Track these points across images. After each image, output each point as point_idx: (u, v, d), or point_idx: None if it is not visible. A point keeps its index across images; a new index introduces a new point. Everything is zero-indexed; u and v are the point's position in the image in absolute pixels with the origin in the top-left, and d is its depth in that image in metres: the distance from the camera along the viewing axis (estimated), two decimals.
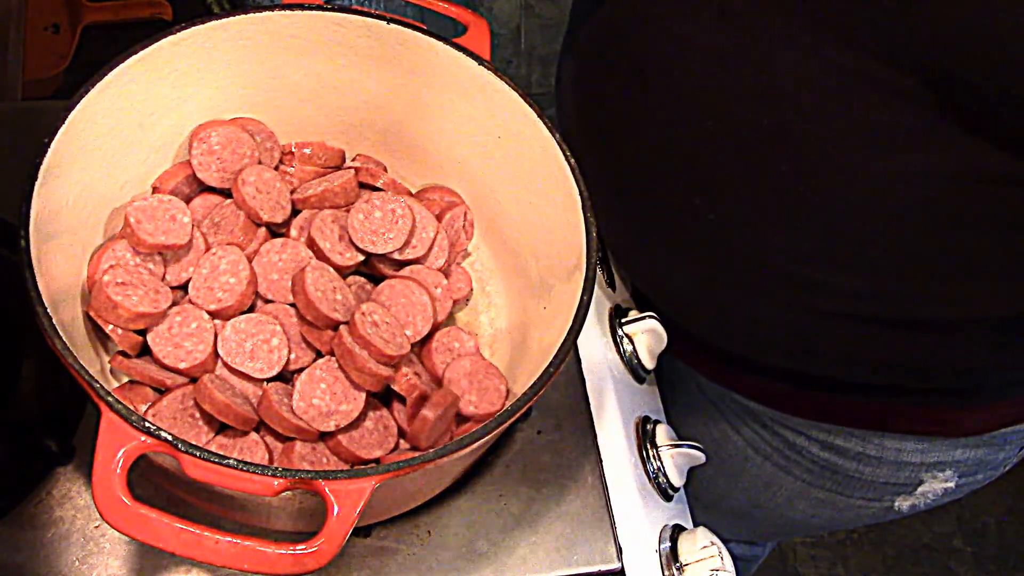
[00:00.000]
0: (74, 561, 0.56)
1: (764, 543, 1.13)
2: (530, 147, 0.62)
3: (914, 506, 0.80)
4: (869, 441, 0.74)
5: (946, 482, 0.77)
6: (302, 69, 0.65)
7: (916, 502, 0.79)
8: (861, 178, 0.55)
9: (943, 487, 0.77)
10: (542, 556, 0.60)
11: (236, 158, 0.63)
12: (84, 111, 0.55)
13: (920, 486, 0.77)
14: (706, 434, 0.85)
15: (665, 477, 0.67)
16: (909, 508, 0.80)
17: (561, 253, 0.60)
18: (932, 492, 0.78)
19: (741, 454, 0.83)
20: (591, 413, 0.67)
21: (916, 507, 0.80)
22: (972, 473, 0.77)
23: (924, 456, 0.74)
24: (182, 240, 0.58)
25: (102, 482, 0.44)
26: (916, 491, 0.78)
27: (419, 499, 0.60)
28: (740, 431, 0.82)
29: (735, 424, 0.82)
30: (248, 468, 0.45)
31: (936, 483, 0.77)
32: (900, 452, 0.74)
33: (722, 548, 0.62)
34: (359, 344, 0.55)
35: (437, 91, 0.65)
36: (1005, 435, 0.74)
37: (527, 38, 1.84)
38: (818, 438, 0.76)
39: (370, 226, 0.62)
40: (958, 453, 0.74)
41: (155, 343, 0.56)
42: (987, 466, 0.76)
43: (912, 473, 0.76)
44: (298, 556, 0.44)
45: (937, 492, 0.78)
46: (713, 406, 0.83)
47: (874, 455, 0.75)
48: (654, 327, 0.71)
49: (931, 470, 0.75)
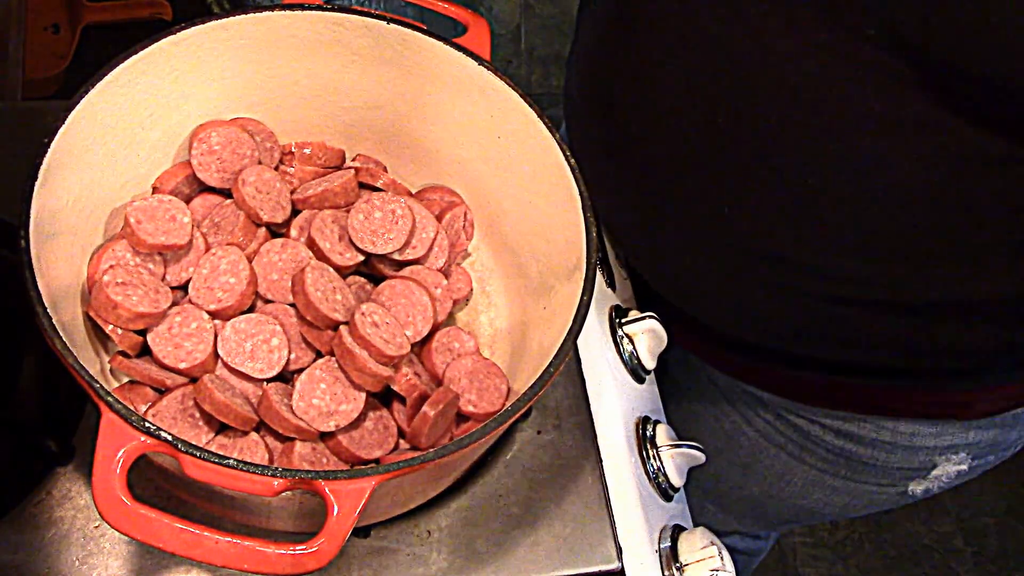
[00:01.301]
0: (74, 561, 0.56)
1: (768, 536, 1.13)
2: (530, 147, 0.62)
3: (928, 490, 0.80)
4: (883, 427, 0.74)
5: (959, 464, 0.77)
6: (302, 69, 0.65)
7: (930, 486, 0.79)
8: (861, 162, 0.55)
9: (956, 469, 0.77)
10: (542, 556, 0.60)
11: (236, 158, 0.63)
12: (84, 111, 0.55)
13: (934, 469, 0.77)
14: (717, 428, 0.85)
15: (665, 477, 0.67)
16: (923, 492, 0.80)
17: (561, 253, 0.60)
18: (946, 475, 0.78)
19: (754, 445, 0.83)
20: (591, 413, 0.67)
21: (930, 491, 0.80)
22: (985, 455, 0.77)
23: (938, 440, 0.74)
24: (182, 240, 0.58)
25: (102, 482, 0.44)
26: (930, 475, 0.78)
27: (419, 499, 0.60)
28: (752, 422, 0.82)
29: (747, 416, 0.82)
30: (248, 468, 0.45)
31: (950, 466, 0.77)
32: (914, 436, 0.74)
33: (722, 548, 0.62)
34: (359, 344, 0.55)
35: (437, 91, 0.65)
36: (1017, 415, 0.74)
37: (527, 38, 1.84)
38: (832, 426, 0.76)
39: (370, 226, 0.62)
40: (971, 435, 0.74)
41: (155, 343, 0.56)
42: (1000, 447, 0.77)
43: (926, 457, 0.76)
44: (298, 556, 0.44)
45: (951, 475, 0.78)
46: (724, 399, 0.83)
47: (888, 440, 0.75)
48: (654, 327, 0.71)
49: (945, 453, 0.75)
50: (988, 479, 1.70)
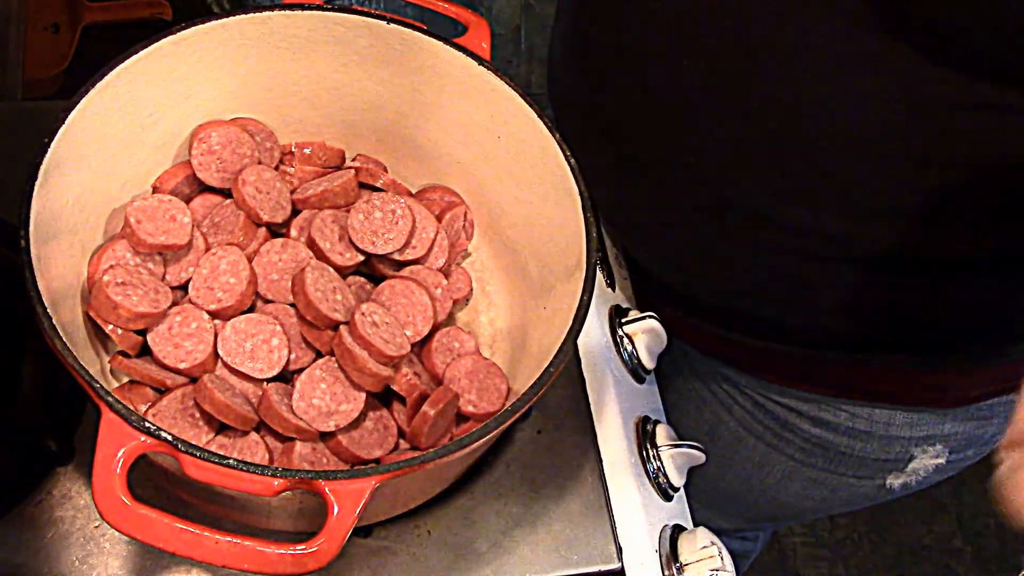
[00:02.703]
0: (74, 561, 0.56)
1: (757, 537, 1.13)
2: (530, 147, 0.62)
3: (906, 484, 0.80)
4: (858, 415, 0.75)
5: (936, 458, 0.77)
6: (302, 69, 0.65)
7: (908, 480, 0.79)
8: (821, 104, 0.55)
9: (934, 463, 0.77)
10: (542, 556, 0.60)
11: (236, 158, 0.63)
12: (84, 111, 0.55)
13: (911, 462, 0.77)
14: (699, 419, 0.85)
15: (665, 477, 0.67)
16: (901, 487, 0.80)
17: (561, 253, 0.60)
18: (923, 468, 0.78)
19: (734, 435, 0.83)
20: (591, 413, 0.67)
21: (908, 485, 0.80)
22: (962, 448, 0.77)
23: (913, 430, 0.74)
24: (182, 240, 0.58)
25: (102, 482, 0.44)
26: (907, 468, 0.78)
27: (419, 499, 0.60)
28: (732, 411, 0.82)
29: (727, 404, 0.82)
30: (248, 468, 0.45)
31: (927, 459, 0.77)
32: (889, 426, 0.74)
33: (722, 548, 0.62)
34: (359, 344, 0.55)
35: (437, 91, 0.65)
36: (992, 407, 0.74)
37: (527, 38, 1.84)
38: (808, 413, 0.77)
39: (370, 226, 0.62)
40: (947, 427, 0.74)
41: (155, 343, 0.56)
42: (977, 441, 0.77)
43: (902, 448, 0.76)
44: (298, 556, 0.44)
45: (928, 468, 0.78)
46: (705, 387, 0.83)
47: (864, 429, 0.75)
48: (654, 327, 0.71)
49: (921, 444, 0.75)
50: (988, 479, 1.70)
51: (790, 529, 1.68)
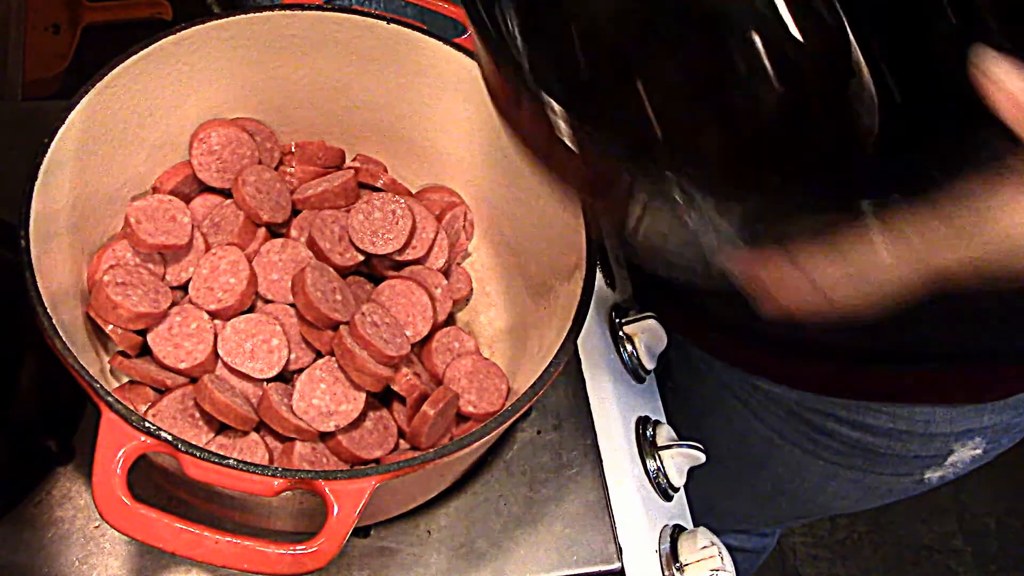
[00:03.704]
0: (74, 561, 0.56)
1: (773, 533, 1.12)
2: None
3: (943, 477, 0.79)
4: (899, 415, 0.73)
5: (975, 449, 0.75)
6: (302, 69, 0.65)
7: (945, 473, 0.78)
8: None
9: (971, 454, 0.76)
10: (542, 556, 0.60)
11: (236, 158, 0.63)
12: (84, 111, 0.55)
13: (950, 456, 0.76)
14: (727, 428, 0.84)
15: (665, 477, 0.67)
16: (939, 479, 0.79)
17: (561, 253, 0.60)
18: (961, 461, 0.76)
19: (767, 443, 0.81)
20: (591, 413, 0.67)
21: (945, 478, 0.79)
22: (999, 438, 0.76)
23: (953, 425, 0.73)
24: (182, 240, 0.58)
25: (102, 482, 0.44)
26: (946, 461, 0.76)
27: (419, 499, 0.60)
28: (765, 420, 0.80)
29: (760, 415, 0.80)
30: (248, 468, 0.45)
31: (965, 451, 0.75)
32: (929, 424, 0.73)
33: (722, 548, 0.62)
34: (359, 344, 0.55)
35: (437, 91, 0.65)
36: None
37: None
38: (847, 418, 0.75)
39: (370, 226, 0.62)
40: (986, 419, 0.73)
41: (155, 343, 0.56)
42: (1014, 429, 0.75)
43: (942, 444, 0.75)
44: (298, 556, 0.44)
45: (966, 460, 0.76)
46: (736, 399, 0.82)
47: (904, 429, 0.74)
48: (654, 327, 0.71)
49: (961, 439, 0.74)
50: (988, 479, 1.70)
51: (790, 529, 1.68)
